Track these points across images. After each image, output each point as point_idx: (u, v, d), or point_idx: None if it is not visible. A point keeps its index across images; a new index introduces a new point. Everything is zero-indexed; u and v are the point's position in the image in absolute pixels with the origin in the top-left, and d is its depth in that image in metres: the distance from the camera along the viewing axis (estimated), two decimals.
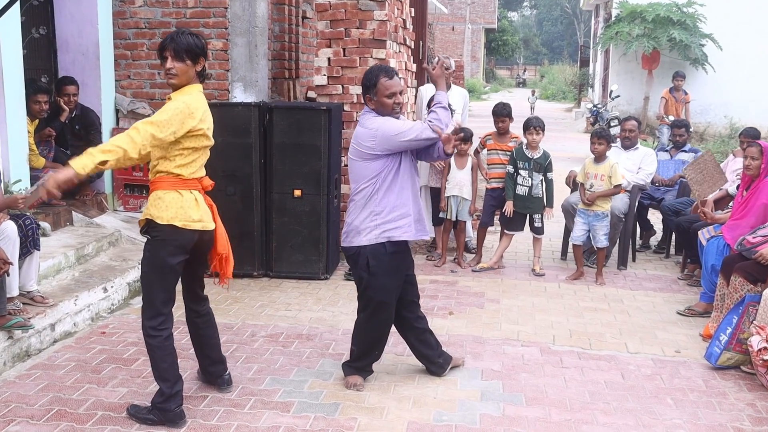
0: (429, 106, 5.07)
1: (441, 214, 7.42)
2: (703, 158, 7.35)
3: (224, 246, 4.24)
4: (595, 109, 17.39)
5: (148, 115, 7.53)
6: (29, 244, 5.00)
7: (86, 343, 5.14)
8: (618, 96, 17.33)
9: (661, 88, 19.25)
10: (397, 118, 4.43)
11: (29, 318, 4.92)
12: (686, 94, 13.70)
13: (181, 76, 3.90)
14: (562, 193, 7.96)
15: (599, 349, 5.30)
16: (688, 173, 7.16)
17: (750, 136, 7.56)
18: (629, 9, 19.62)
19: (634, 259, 7.82)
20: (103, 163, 3.73)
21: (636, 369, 4.95)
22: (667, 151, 8.62)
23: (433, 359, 4.73)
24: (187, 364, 4.64)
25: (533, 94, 30.63)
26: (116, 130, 7.60)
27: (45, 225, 6.42)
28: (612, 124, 14.71)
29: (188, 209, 3.93)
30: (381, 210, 4.34)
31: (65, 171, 3.64)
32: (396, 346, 5.13)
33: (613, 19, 20.93)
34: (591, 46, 30.67)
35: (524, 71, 59.87)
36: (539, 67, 62.40)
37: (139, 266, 6.28)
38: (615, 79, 20.25)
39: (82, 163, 3.67)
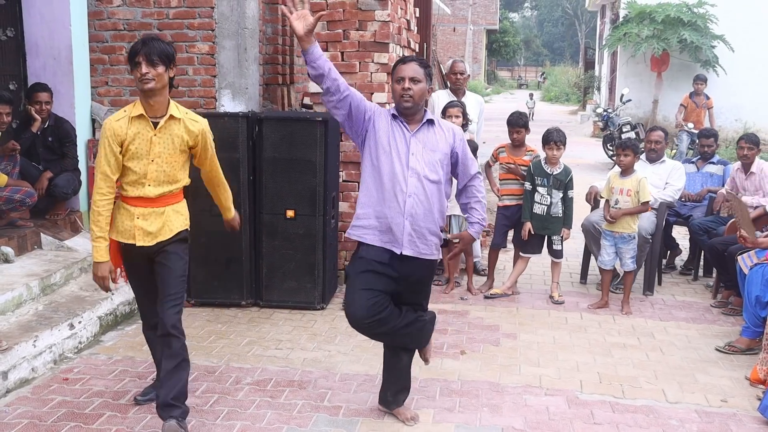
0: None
1: (443, 235, 6.70)
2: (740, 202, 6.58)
3: None
4: (605, 113, 16.69)
5: None
6: None
7: (44, 394, 4.45)
8: (629, 100, 16.64)
9: (670, 91, 18.63)
10: (406, 106, 3.92)
11: None
12: (708, 98, 13.01)
13: (158, 81, 3.79)
14: (581, 210, 7.26)
15: (634, 398, 4.61)
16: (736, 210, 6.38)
17: (751, 141, 6.99)
18: (638, 9, 18.94)
19: (660, 283, 7.13)
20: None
21: (679, 424, 4.27)
22: (693, 162, 7.94)
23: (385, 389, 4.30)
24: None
25: (531, 98, 28.31)
26: (92, 142, 6.92)
27: (8, 250, 5.76)
28: (624, 129, 14.07)
29: None
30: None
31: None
32: None
33: (620, 19, 20.25)
34: (597, 48, 30.00)
35: (543, 75, 55.67)
36: (541, 68, 61.54)
37: (111, 296, 5.69)
38: (623, 82, 19.59)
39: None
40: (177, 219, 4.01)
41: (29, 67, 6.78)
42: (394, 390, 4.23)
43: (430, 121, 4.01)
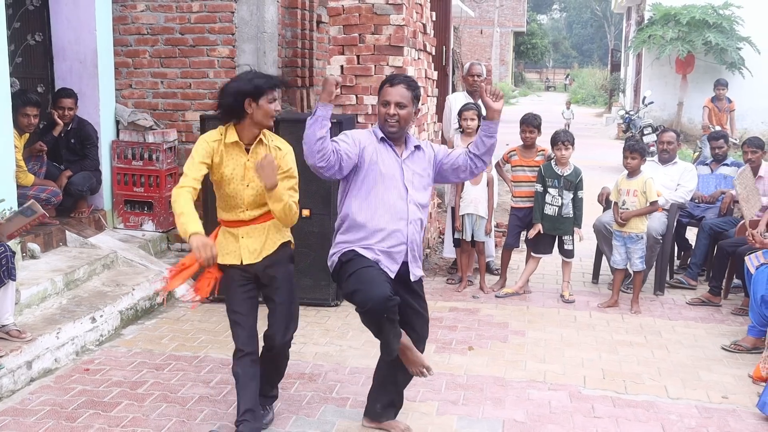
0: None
1: (456, 235, 6.86)
2: (746, 173, 6.69)
3: None
4: (627, 116, 16.67)
5: (150, 127, 7.11)
6: (3, 274, 4.53)
7: (66, 383, 4.66)
8: (651, 102, 16.61)
9: (695, 94, 18.55)
10: (391, 131, 3.83)
11: (1, 356, 4.46)
12: (730, 102, 13.00)
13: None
14: (593, 211, 7.35)
15: (636, 393, 4.71)
16: (738, 187, 6.48)
17: (755, 146, 7.04)
18: (663, 11, 18.91)
19: (672, 276, 7.20)
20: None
21: (678, 419, 4.36)
22: (707, 164, 7.99)
23: (374, 402, 4.16)
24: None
25: (568, 108, 24.06)
26: (116, 143, 7.15)
27: (34, 246, 5.99)
28: (645, 132, 14.06)
29: None
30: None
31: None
32: (407, 389, 4.58)
33: (645, 21, 20.22)
34: (623, 50, 29.88)
35: (567, 76, 51.49)
36: (569, 70, 61.22)
37: (132, 292, 5.90)
38: (648, 84, 19.55)
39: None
40: (278, 233, 4.08)
41: (56, 70, 7.03)
42: (386, 401, 4.12)
43: (417, 147, 3.96)
